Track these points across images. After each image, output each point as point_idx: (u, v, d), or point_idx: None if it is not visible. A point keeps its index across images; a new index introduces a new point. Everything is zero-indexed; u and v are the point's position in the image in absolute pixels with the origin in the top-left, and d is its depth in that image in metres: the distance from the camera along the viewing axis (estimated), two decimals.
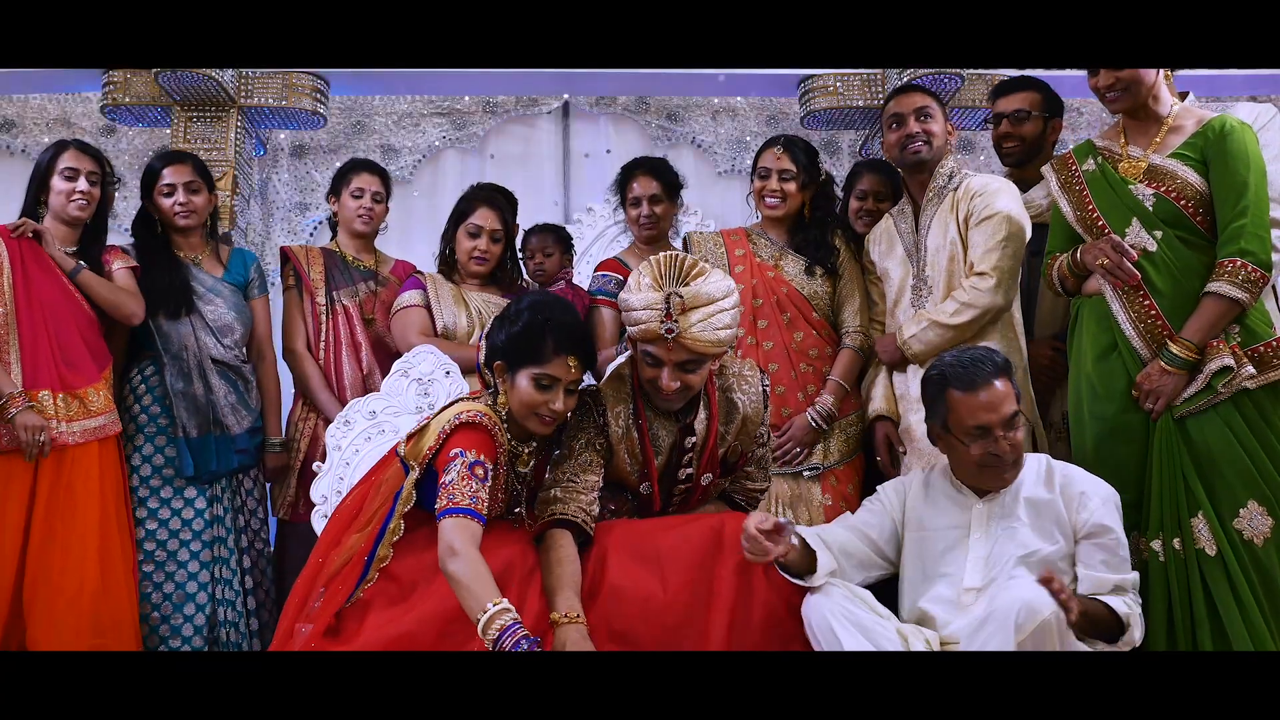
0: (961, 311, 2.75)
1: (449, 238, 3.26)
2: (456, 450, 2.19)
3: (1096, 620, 2.11)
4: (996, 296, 2.74)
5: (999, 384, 2.25)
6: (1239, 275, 2.37)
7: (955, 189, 2.89)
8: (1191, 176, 2.48)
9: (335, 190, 3.47)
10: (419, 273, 3.30)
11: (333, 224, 3.54)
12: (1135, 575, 2.22)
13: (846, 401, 3.00)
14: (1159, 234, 2.48)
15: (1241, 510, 2.36)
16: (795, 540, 2.18)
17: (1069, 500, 2.24)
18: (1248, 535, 2.35)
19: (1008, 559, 2.22)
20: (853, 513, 2.50)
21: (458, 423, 2.24)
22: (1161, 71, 2.58)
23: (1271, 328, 2.45)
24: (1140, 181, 2.53)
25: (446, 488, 2.16)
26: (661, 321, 2.23)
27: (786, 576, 2.23)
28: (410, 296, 3.18)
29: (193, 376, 3.05)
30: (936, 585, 2.27)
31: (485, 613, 1.99)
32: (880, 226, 3.11)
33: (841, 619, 2.12)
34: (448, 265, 3.28)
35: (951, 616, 2.22)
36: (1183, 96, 2.80)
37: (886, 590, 2.37)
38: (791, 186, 3.10)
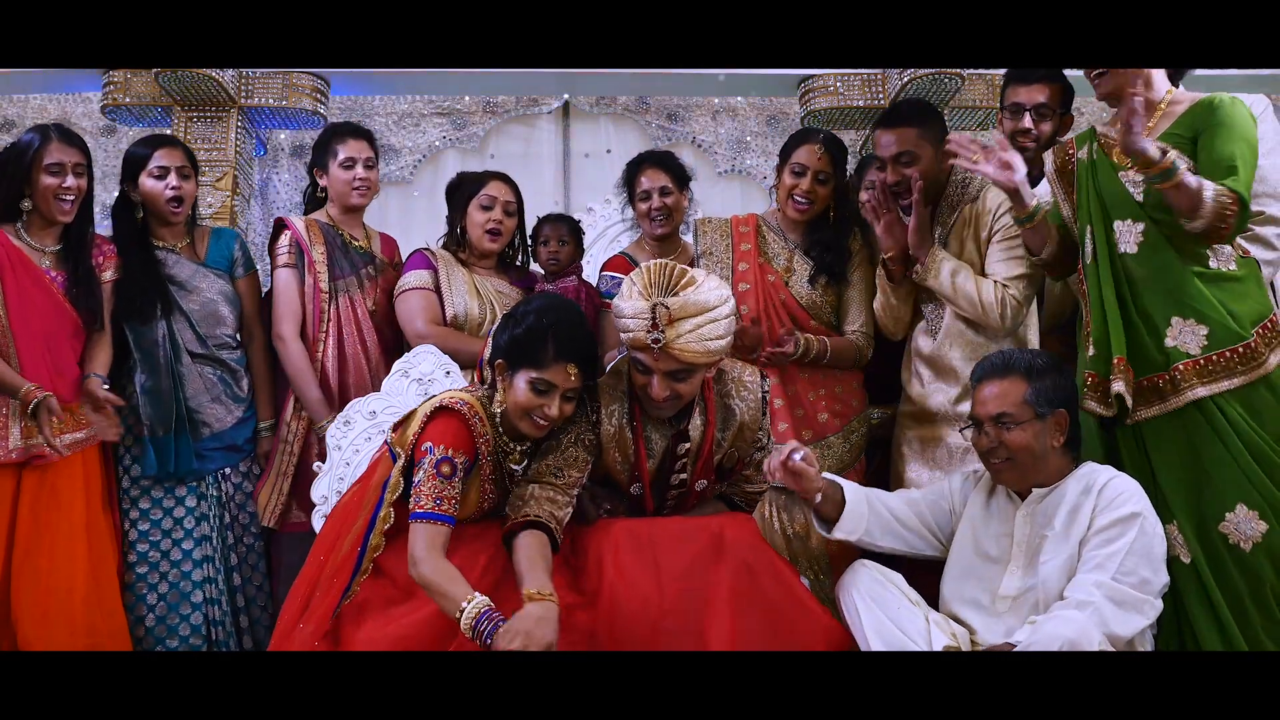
0: (997, 308, 2.69)
1: (458, 216, 3.14)
2: (426, 446, 2.21)
3: None
4: (1021, 314, 2.74)
5: (1001, 382, 2.30)
6: (1225, 198, 2.25)
7: (974, 199, 2.80)
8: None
9: (321, 163, 3.22)
10: (428, 250, 3.14)
11: (318, 197, 3.27)
12: (1104, 591, 2.06)
13: (849, 388, 2.97)
14: (1141, 227, 2.41)
15: (1228, 514, 2.29)
16: (822, 482, 2.32)
17: (1099, 505, 2.18)
18: (1233, 539, 2.28)
19: (1037, 575, 2.21)
20: None
21: (436, 406, 2.26)
22: None
23: (1242, 328, 2.34)
24: (1133, 168, 2.41)
25: (415, 489, 2.19)
26: (648, 331, 2.21)
27: (818, 528, 2.36)
28: (418, 277, 3.05)
29: (161, 374, 2.91)
30: (974, 588, 2.28)
31: (462, 611, 2.02)
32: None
33: (867, 599, 2.20)
34: (456, 245, 3.15)
35: (984, 622, 2.24)
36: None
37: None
38: (824, 190, 2.96)
